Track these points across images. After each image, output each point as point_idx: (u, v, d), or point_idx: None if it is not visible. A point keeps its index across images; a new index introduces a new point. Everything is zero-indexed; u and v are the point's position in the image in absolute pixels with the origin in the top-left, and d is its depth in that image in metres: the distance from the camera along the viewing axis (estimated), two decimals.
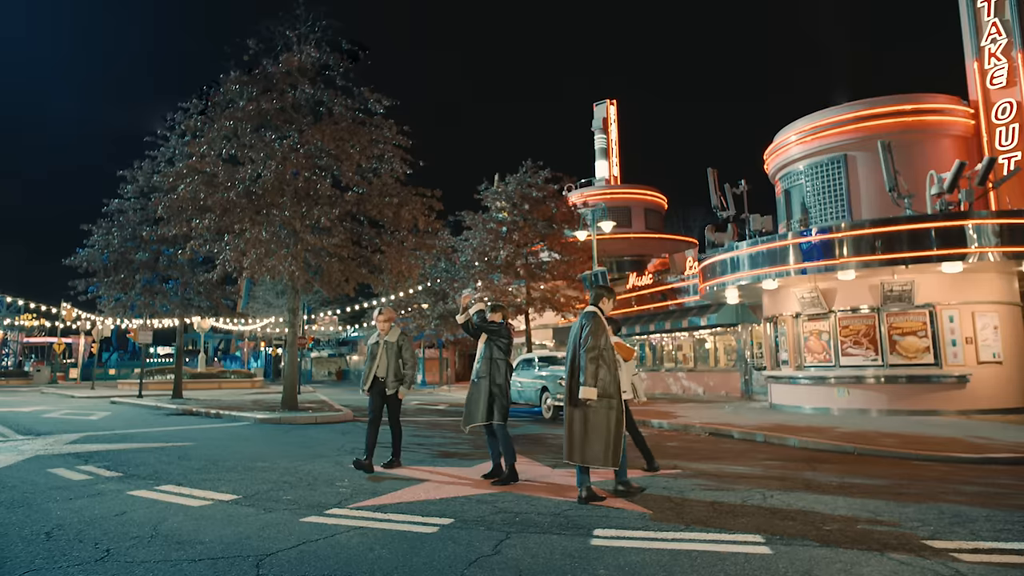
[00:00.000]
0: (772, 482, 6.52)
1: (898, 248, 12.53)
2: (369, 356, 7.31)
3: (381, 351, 7.27)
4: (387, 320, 7.35)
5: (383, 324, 7.33)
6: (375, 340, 7.35)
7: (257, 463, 7.58)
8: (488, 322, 6.67)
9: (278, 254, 14.00)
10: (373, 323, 7.68)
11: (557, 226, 24.99)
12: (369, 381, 7.27)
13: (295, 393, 15.10)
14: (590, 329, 5.53)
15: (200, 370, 34.80)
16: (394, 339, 7.34)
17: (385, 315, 7.37)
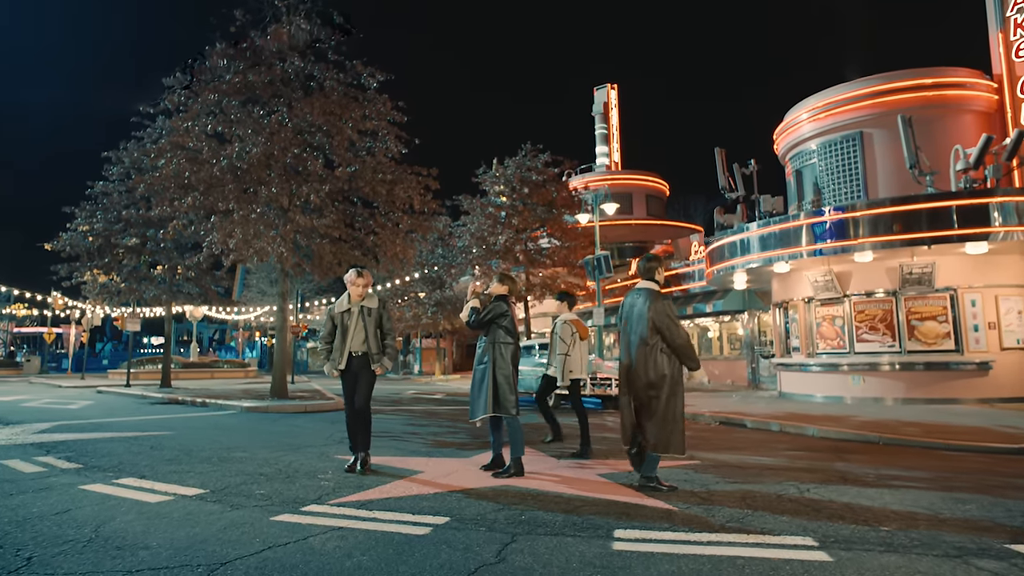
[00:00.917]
0: (803, 474, 5.89)
1: (919, 228, 11.87)
2: (338, 328, 5.96)
3: (356, 320, 5.95)
4: (366, 284, 6.04)
5: (359, 288, 5.99)
6: (346, 308, 5.99)
7: (235, 453, 6.92)
8: (487, 309, 5.87)
9: (266, 235, 13.30)
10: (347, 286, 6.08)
11: (557, 211, 24.28)
12: (344, 359, 5.91)
13: (285, 382, 14.45)
14: (667, 312, 5.06)
15: (192, 360, 34.13)
16: (375, 305, 6.08)
17: (365, 278, 6.06)
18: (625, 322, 5.32)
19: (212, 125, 13.43)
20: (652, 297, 5.13)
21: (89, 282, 20.02)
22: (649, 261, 5.43)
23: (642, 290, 5.29)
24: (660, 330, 5.00)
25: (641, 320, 5.09)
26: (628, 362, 5.22)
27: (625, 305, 5.41)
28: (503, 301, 5.98)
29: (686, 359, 5.07)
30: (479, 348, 5.92)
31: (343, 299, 6.07)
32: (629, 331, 5.22)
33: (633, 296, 5.35)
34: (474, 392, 5.84)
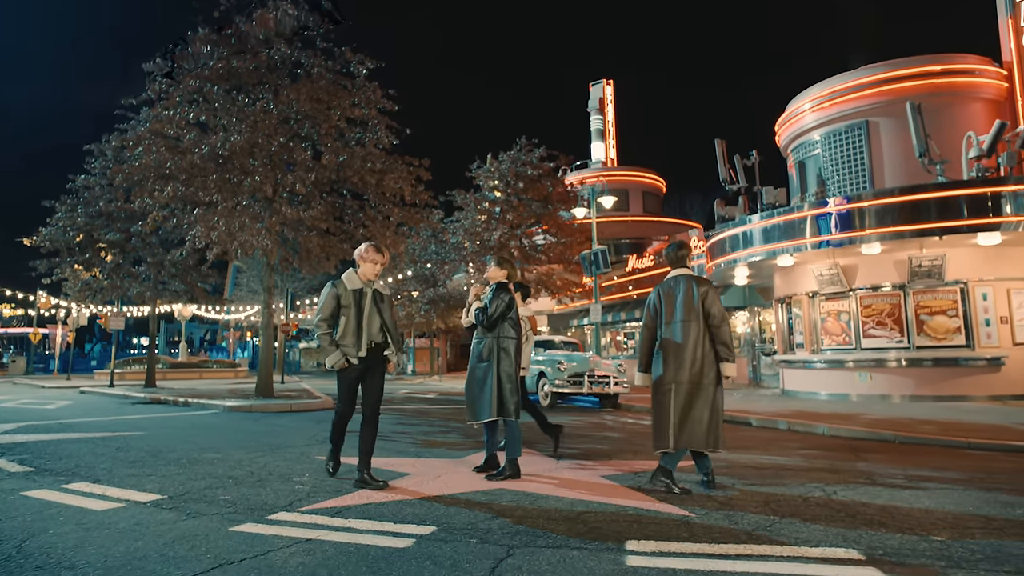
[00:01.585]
0: (825, 475, 5.40)
1: (929, 218, 11.43)
2: (350, 310, 4.85)
3: (369, 304, 4.88)
4: (384, 263, 5.05)
5: (376, 267, 4.98)
6: (359, 287, 4.94)
7: (207, 454, 6.38)
8: (495, 304, 5.25)
9: (250, 227, 12.73)
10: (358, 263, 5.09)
11: (552, 206, 23.78)
12: (364, 346, 4.86)
13: (270, 380, 13.89)
14: (713, 297, 4.86)
15: (181, 360, 33.45)
16: (387, 292, 5.19)
17: (384, 255, 5.05)
18: (668, 311, 4.88)
19: (195, 114, 12.86)
20: (699, 281, 4.90)
21: (70, 279, 19.38)
22: (680, 248, 5.13)
23: (680, 277, 4.96)
24: (711, 315, 4.77)
25: (689, 306, 4.79)
26: (674, 352, 4.77)
27: (659, 296, 4.97)
28: (506, 290, 5.42)
29: (728, 348, 4.81)
30: (477, 343, 5.37)
31: (352, 277, 5.00)
32: (674, 320, 4.83)
33: (669, 285, 4.97)
34: (474, 392, 5.30)
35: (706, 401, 4.72)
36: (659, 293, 5.04)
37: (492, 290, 5.41)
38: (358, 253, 5.09)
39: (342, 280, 5.02)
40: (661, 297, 5.00)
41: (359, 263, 5.07)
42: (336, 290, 4.95)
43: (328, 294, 4.96)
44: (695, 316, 4.75)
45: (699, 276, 5.00)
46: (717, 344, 4.79)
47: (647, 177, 33.07)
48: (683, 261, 5.08)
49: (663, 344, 4.88)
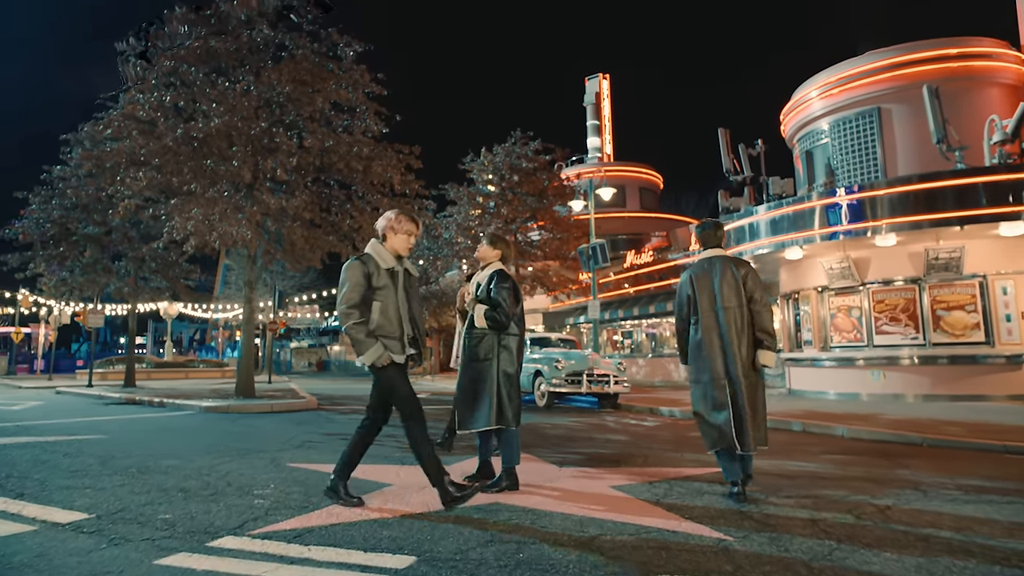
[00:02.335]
0: (865, 485, 4.73)
1: (949, 207, 10.81)
2: (384, 292, 3.91)
3: (402, 287, 4.01)
4: (419, 233, 4.21)
5: (409, 239, 4.09)
6: (392, 265, 3.99)
7: (164, 461, 5.65)
8: (504, 298, 4.44)
9: (230, 217, 11.98)
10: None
11: (548, 200, 23.10)
12: (407, 339, 4.03)
13: (251, 379, 13.14)
14: (755, 279, 4.40)
15: (167, 359, 32.59)
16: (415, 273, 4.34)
17: (419, 226, 4.19)
18: (706, 295, 4.38)
19: (172, 98, 12.11)
20: (737, 263, 4.45)
21: (46, 275, 18.53)
22: (717, 228, 4.65)
23: (716, 258, 4.47)
24: (754, 299, 4.33)
25: (732, 289, 4.33)
26: (721, 342, 4.30)
27: (692, 281, 4.45)
28: (506, 276, 4.64)
29: (771, 335, 4.34)
30: (472, 339, 4.61)
31: (382, 252, 3.98)
32: (717, 305, 4.35)
33: (704, 267, 4.45)
34: (467, 396, 4.58)
35: (756, 395, 4.30)
36: (692, 277, 4.47)
37: (489, 277, 4.67)
38: (385, 222, 4.04)
39: (372, 255, 3.95)
40: (694, 282, 4.45)
41: (387, 235, 4.03)
42: (366, 268, 3.87)
43: (355, 274, 3.84)
44: (738, 301, 4.31)
45: (736, 257, 4.52)
46: (760, 331, 4.32)
47: (644, 173, 32.45)
48: (719, 241, 4.60)
49: (705, 333, 4.34)
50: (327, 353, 67.75)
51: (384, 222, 4.08)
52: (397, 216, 4.06)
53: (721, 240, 4.61)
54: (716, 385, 4.30)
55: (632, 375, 23.81)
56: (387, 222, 4.06)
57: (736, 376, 4.27)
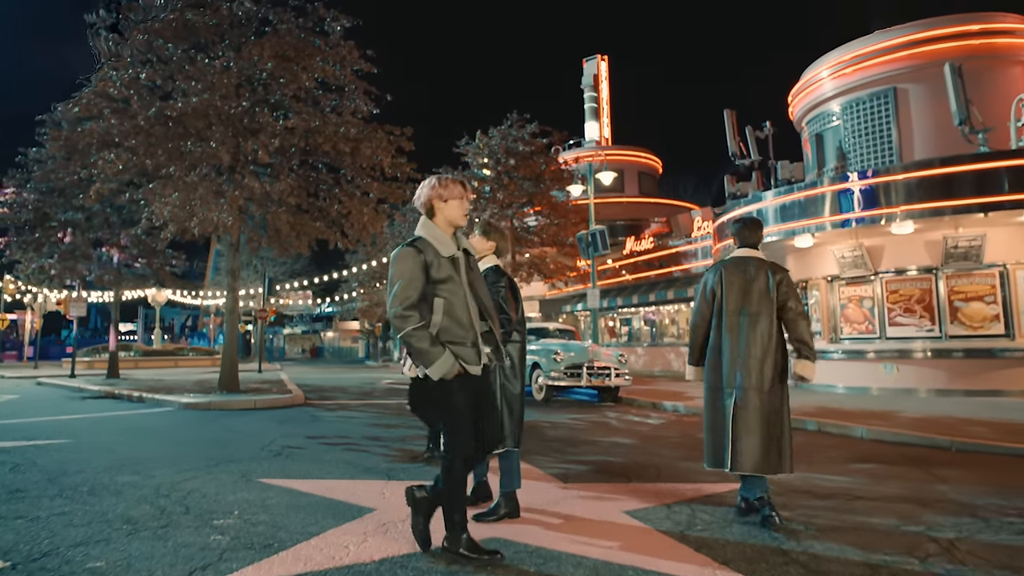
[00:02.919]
0: (911, 507, 4.17)
1: (972, 192, 10.23)
2: (459, 288, 3.12)
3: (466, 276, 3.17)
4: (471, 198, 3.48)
5: (463, 204, 3.23)
6: (453, 252, 3.19)
7: (121, 476, 5.05)
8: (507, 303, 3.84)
9: (212, 202, 11.30)
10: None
11: (546, 185, 22.43)
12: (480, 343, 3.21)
13: (235, 372, 12.53)
14: (791, 286, 4.01)
15: (155, 347, 31.93)
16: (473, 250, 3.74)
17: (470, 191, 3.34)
18: (733, 297, 3.96)
19: (148, 75, 11.35)
20: (774, 268, 4.04)
21: (23, 261, 17.80)
22: (756, 227, 4.21)
23: (751, 259, 4.05)
24: (788, 308, 3.96)
25: (763, 296, 3.93)
26: (740, 349, 3.91)
27: (721, 277, 4.01)
28: (501, 273, 4.01)
29: (809, 346, 3.97)
30: None
31: (438, 235, 3.10)
32: (742, 310, 3.95)
33: (738, 266, 4.01)
34: None
35: (773, 414, 3.84)
36: (720, 274, 4.01)
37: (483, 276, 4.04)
38: (430, 192, 3.14)
39: (428, 240, 3.06)
40: (723, 279, 3.99)
41: (434, 207, 3.13)
42: (423, 256, 3.01)
43: (410, 265, 2.99)
44: (768, 308, 3.93)
45: (774, 262, 4.08)
46: (794, 341, 3.94)
47: (643, 157, 31.76)
48: (757, 241, 4.18)
49: (723, 337, 3.93)
50: (320, 339, 67.18)
51: (428, 192, 3.15)
52: (441, 181, 3.17)
53: (759, 240, 4.18)
54: (727, 395, 3.91)
55: (631, 364, 23.26)
56: (431, 191, 3.15)
57: (751, 388, 3.86)
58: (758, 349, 3.86)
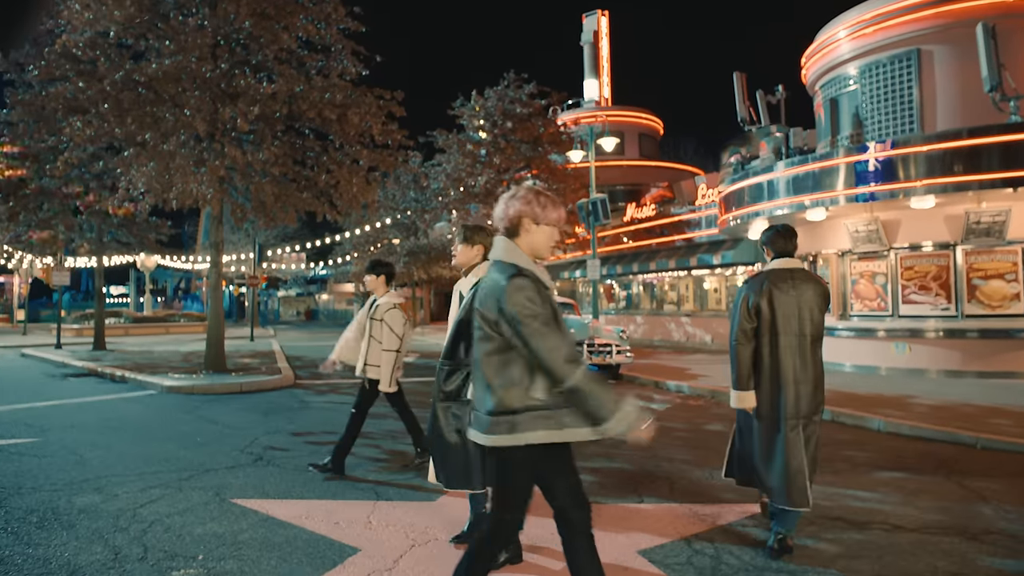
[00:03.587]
0: (961, 544, 3.72)
1: (1001, 166, 9.62)
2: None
3: None
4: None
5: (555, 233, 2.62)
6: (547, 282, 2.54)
7: (80, 498, 4.57)
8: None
9: (192, 172, 10.59)
10: None
11: (544, 149, 21.63)
12: None
13: (221, 350, 12.03)
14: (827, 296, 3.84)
15: (146, 314, 31.38)
16: None
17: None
18: (785, 317, 3.63)
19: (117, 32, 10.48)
20: (820, 282, 3.81)
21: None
22: (792, 236, 3.87)
23: (798, 272, 3.74)
24: (822, 329, 3.77)
25: (818, 316, 3.69)
26: (794, 375, 3.61)
27: (769, 295, 3.64)
28: None
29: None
30: (446, 370, 3.28)
31: (529, 264, 2.47)
32: (795, 332, 3.65)
33: (787, 280, 3.68)
34: (445, 449, 3.38)
35: (819, 442, 3.77)
36: (767, 289, 3.62)
37: (473, 291, 3.46)
38: (523, 207, 2.46)
39: (532, 271, 2.42)
40: (772, 296, 3.63)
41: (522, 226, 2.48)
42: (539, 288, 2.37)
43: (536, 298, 2.33)
44: (820, 328, 3.72)
45: (817, 275, 3.92)
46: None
47: (644, 118, 30.76)
48: (794, 250, 3.85)
49: (781, 361, 3.62)
50: (315, 302, 66.67)
51: (520, 206, 2.46)
52: (540, 198, 2.49)
53: (796, 248, 3.85)
54: (790, 427, 3.58)
55: (630, 332, 22.94)
56: (525, 206, 2.46)
57: (812, 418, 3.65)
58: (816, 373, 3.66)
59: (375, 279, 5.30)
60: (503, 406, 2.33)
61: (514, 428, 2.32)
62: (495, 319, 2.36)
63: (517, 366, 2.35)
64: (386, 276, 5.32)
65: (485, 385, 2.39)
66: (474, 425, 2.47)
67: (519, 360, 2.34)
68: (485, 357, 2.40)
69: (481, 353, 2.41)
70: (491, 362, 2.38)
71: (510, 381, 2.34)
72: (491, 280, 2.44)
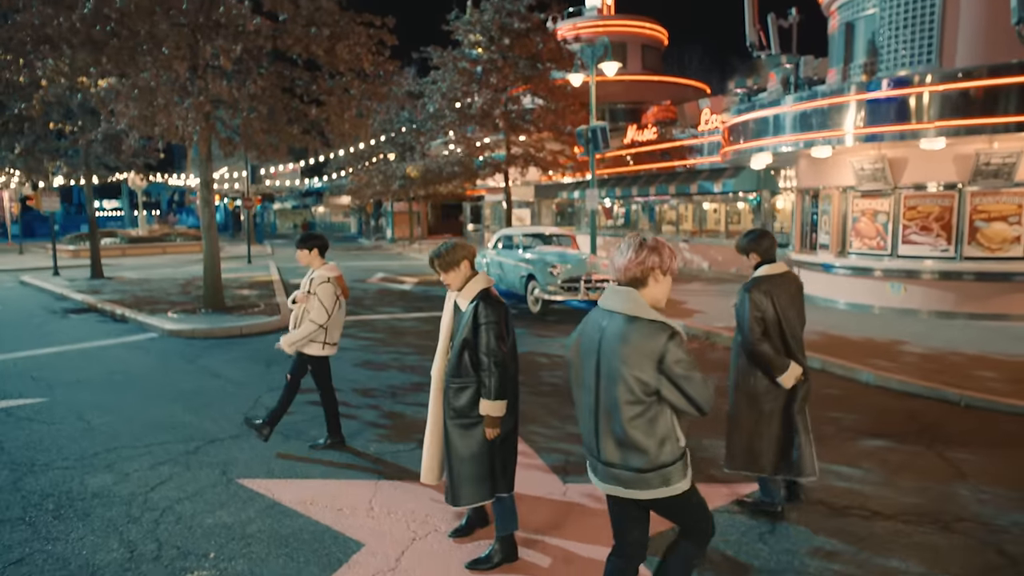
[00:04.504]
0: (927, 531, 3.91)
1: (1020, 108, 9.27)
2: None
3: None
4: None
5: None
6: None
7: (92, 478, 4.73)
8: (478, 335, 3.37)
9: (169, 108, 10.17)
10: None
11: (543, 66, 20.75)
12: None
13: (219, 288, 12.05)
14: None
15: (140, 233, 31.17)
16: None
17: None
18: (796, 328, 4.07)
19: None
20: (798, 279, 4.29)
21: None
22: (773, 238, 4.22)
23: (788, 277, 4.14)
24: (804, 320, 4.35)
25: (801, 310, 4.17)
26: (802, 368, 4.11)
27: (776, 304, 3.98)
28: (490, 299, 3.43)
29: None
30: (456, 387, 3.46)
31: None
32: (798, 326, 4.11)
33: (787, 291, 4.03)
34: (450, 462, 3.53)
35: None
36: (773, 299, 3.96)
37: (472, 307, 3.44)
38: (655, 258, 2.48)
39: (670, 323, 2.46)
40: (777, 305, 3.96)
41: (654, 278, 2.50)
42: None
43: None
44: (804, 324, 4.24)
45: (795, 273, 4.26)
46: None
47: (647, 28, 29.22)
48: (775, 253, 4.16)
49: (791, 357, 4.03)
50: (311, 214, 66.10)
51: (652, 259, 2.48)
52: (666, 248, 2.53)
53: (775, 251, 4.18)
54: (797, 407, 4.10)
55: None
56: (656, 258, 2.48)
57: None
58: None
59: (308, 253, 5.16)
60: (657, 463, 2.46)
61: (668, 481, 2.49)
62: (653, 379, 2.40)
63: (663, 419, 2.47)
64: (319, 249, 5.20)
65: (633, 445, 2.46)
66: (613, 481, 2.54)
67: (664, 412, 2.47)
68: (633, 420, 2.44)
69: (628, 417, 2.44)
70: (639, 424, 2.44)
71: (663, 437, 2.46)
72: (638, 340, 2.40)
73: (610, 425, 2.48)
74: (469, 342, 3.39)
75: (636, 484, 2.49)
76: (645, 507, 2.62)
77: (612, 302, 2.53)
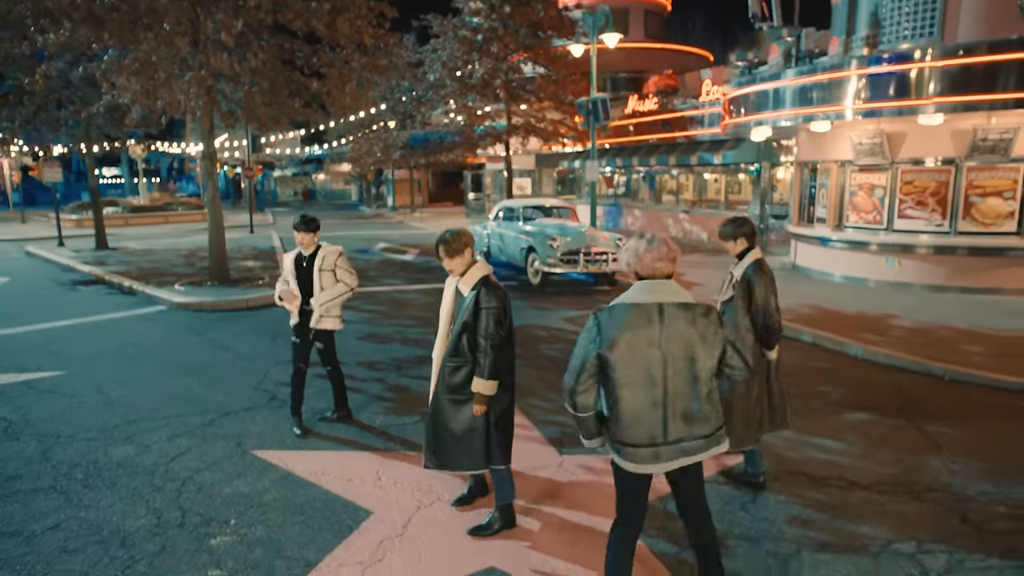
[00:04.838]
0: (899, 501, 4.19)
1: (1018, 85, 9.32)
2: None
3: None
4: None
5: None
6: None
7: (115, 449, 5.01)
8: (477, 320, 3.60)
9: (170, 82, 10.23)
10: None
11: (544, 34, 20.55)
12: None
13: (224, 260, 12.25)
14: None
15: (142, 202, 31.22)
16: None
17: None
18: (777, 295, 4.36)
19: None
20: None
21: None
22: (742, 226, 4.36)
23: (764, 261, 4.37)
24: None
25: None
26: None
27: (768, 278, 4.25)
28: (490, 285, 3.64)
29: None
30: (453, 366, 3.70)
31: None
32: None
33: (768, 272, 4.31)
34: (446, 435, 3.79)
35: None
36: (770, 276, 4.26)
37: (474, 293, 3.66)
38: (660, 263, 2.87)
39: None
40: (772, 281, 4.25)
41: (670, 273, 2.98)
42: None
43: None
44: None
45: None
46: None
47: None
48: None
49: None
50: (312, 181, 65.84)
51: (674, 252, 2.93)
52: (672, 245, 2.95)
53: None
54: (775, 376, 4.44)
55: (627, 225, 23.06)
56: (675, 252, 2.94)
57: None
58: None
59: (314, 236, 5.20)
60: (719, 424, 2.90)
61: (723, 438, 2.94)
62: (719, 352, 2.83)
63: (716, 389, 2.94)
64: (314, 228, 5.21)
65: (704, 416, 2.83)
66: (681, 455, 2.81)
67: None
68: (710, 393, 2.84)
69: (705, 392, 2.82)
70: (713, 396, 2.86)
71: (718, 403, 2.92)
72: (703, 322, 2.79)
73: (683, 405, 2.76)
74: (469, 325, 3.61)
75: (704, 449, 2.83)
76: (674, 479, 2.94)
77: (659, 295, 2.78)
